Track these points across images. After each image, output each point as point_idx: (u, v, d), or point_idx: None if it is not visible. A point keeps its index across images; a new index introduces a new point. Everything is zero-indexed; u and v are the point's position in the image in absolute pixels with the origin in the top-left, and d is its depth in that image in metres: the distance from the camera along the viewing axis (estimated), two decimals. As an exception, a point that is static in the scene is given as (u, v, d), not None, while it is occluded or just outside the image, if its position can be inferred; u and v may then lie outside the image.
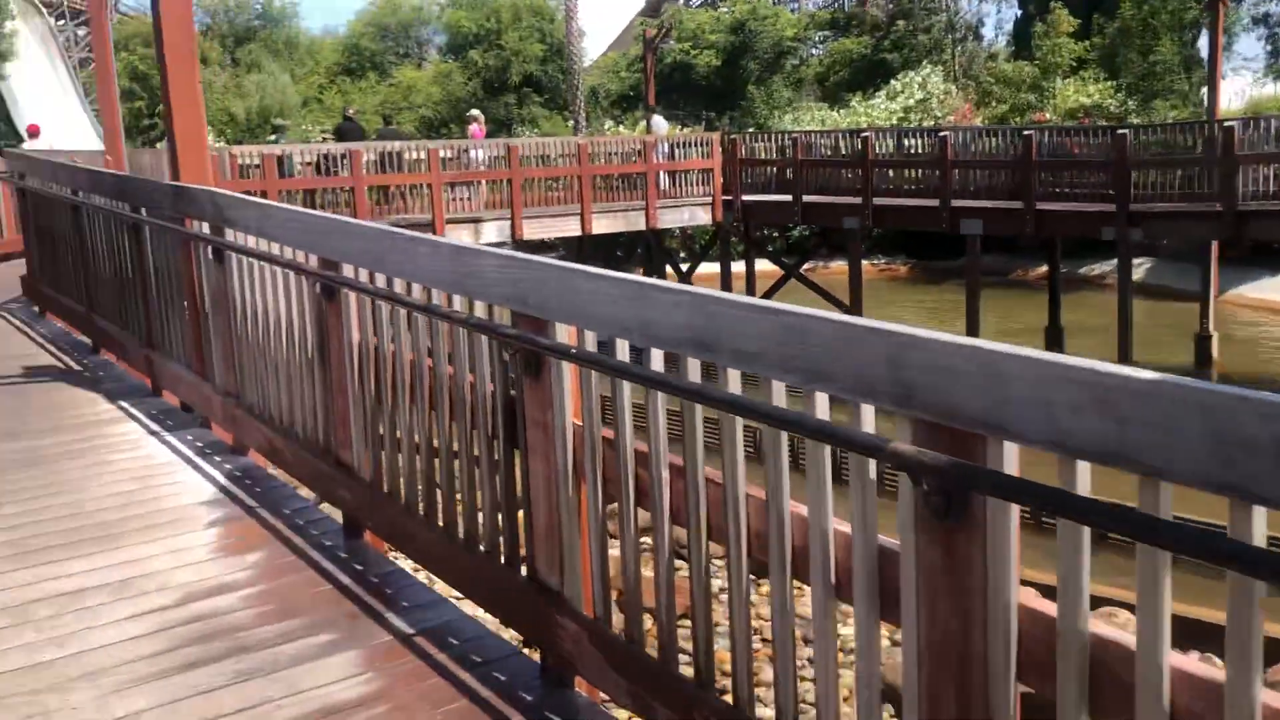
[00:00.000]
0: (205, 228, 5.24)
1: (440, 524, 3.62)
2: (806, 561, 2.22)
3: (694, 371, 2.41)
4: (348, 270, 3.99)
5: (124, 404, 6.18)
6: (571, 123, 40.77)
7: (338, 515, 4.40)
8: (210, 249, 5.20)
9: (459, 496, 3.51)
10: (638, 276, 2.55)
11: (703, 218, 19.69)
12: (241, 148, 16.74)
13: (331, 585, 3.79)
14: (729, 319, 2.21)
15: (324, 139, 20.01)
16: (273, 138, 20.37)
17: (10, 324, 8.62)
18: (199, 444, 5.43)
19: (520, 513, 3.21)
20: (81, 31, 53.34)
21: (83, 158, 11.86)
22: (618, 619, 2.88)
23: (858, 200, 17.82)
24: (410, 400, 3.76)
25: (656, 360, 2.52)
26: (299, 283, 4.41)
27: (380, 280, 3.80)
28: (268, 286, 4.71)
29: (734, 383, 2.30)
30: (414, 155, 17.26)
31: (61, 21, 48.75)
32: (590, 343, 2.77)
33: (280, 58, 43.01)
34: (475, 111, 21.71)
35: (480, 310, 3.30)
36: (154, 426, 5.75)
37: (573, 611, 2.92)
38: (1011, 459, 1.77)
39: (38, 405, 6.24)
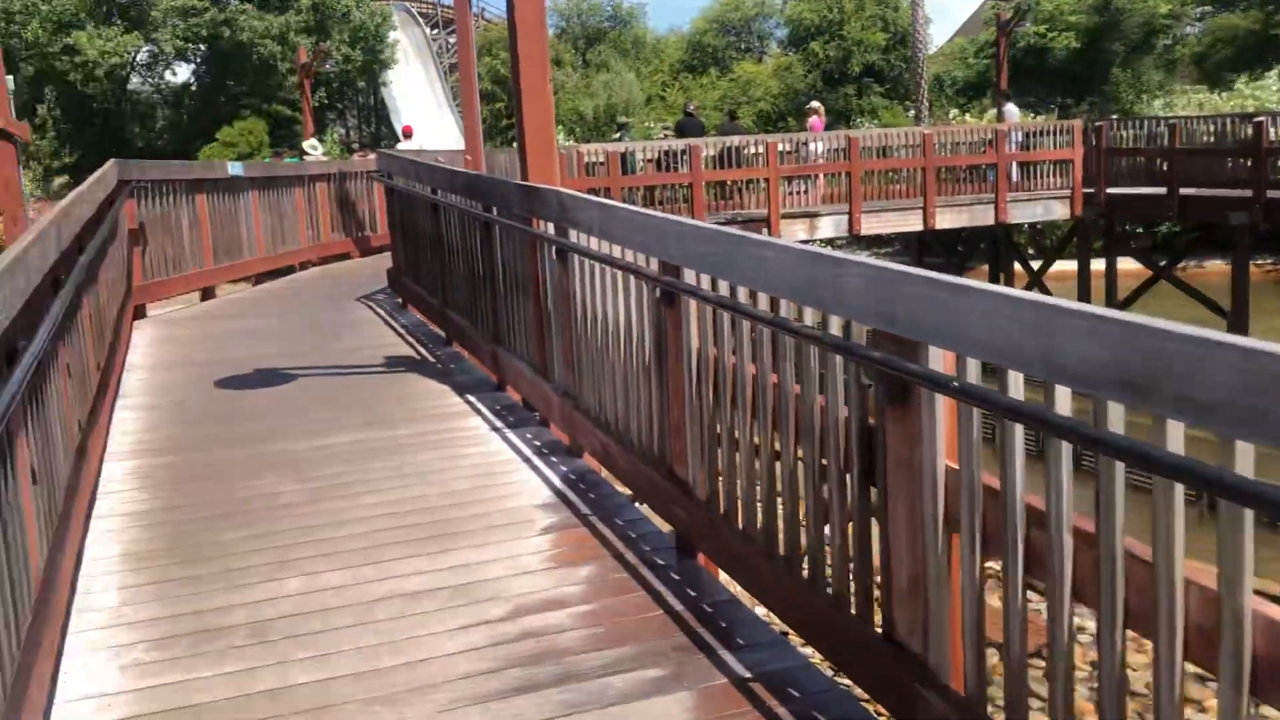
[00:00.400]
0: (550, 228, 5.19)
1: (781, 558, 3.29)
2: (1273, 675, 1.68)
3: (1116, 419, 1.91)
4: (688, 276, 3.74)
5: (471, 398, 6.31)
6: (912, 113, 39.45)
7: (671, 529, 4.18)
8: (554, 249, 5.14)
9: (804, 531, 3.16)
10: (1041, 297, 2.07)
11: (1059, 212, 18.24)
12: (588, 145, 17.24)
13: (662, 610, 3.55)
14: (1177, 356, 1.71)
15: (665, 135, 20.29)
16: (617, 135, 20.91)
17: (376, 314, 9.19)
18: (537, 443, 5.41)
19: (877, 560, 2.81)
20: (453, 39, 57.75)
21: (445, 157, 12.54)
22: (993, 697, 2.42)
23: (1247, 193, 15.84)
24: (751, 418, 3.45)
25: (1062, 400, 2.04)
26: (638, 286, 4.22)
27: (723, 287, 3.52)
28: (607, 289, 4.56)
29: (1176, 439, 1.80)
30: (752, 150, 17.09)
31: (435, 30, 52.92)
32: (972, 372, 2.33)
33: (627, 57, 44.43)
34: (815, 104, 21.30)
35: (836, 326, 2.93)
36: (497, 422, 5.80)
37: (938, 685, 2.49)
38: None
39: (395, 395, 6.50)
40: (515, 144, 22.39)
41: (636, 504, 4.61)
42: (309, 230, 13.03)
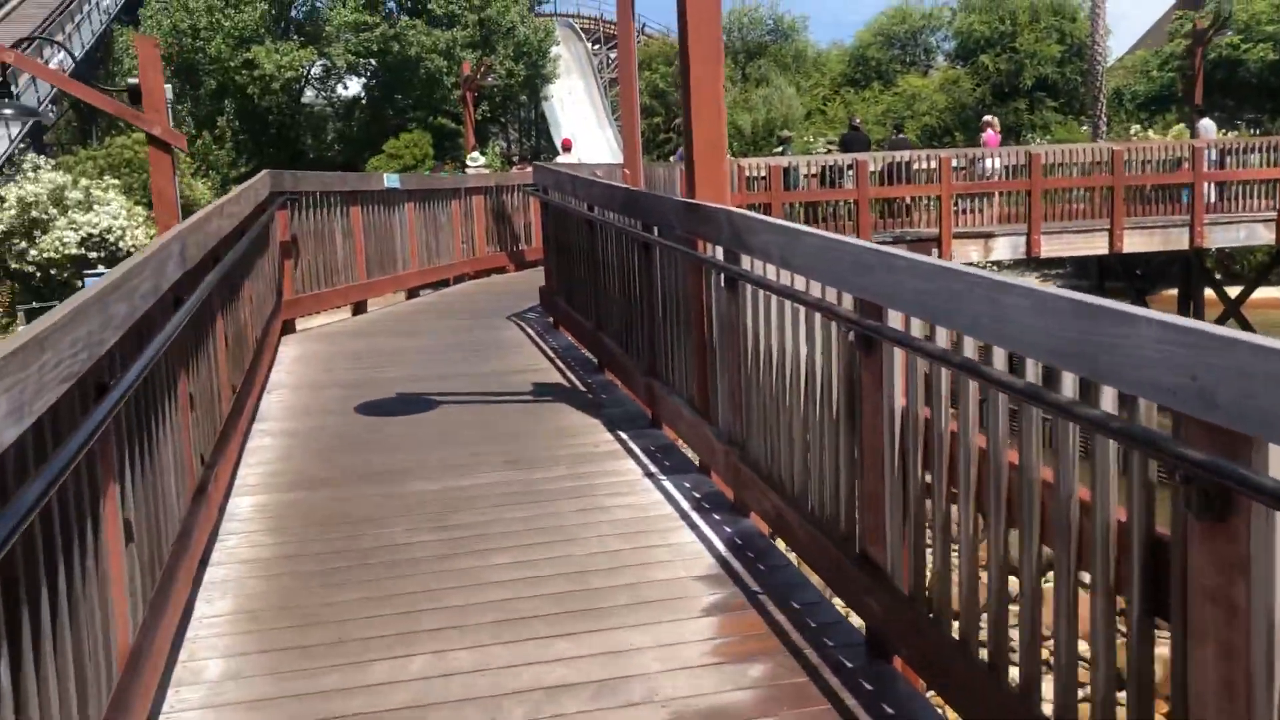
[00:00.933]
0: (719, 252, 4.56)
1: (1015, 688, 2.56)
2: None
3: None
4: (893, 318, 3.04)
5: (623, 434, 5.72)
6: (1088, 128, 37.43)
7: (859, 621, 3.47)
8: (722, 276, 4.51)
9: (1053, 659, 2.43)
10: None
11: (1264, 236, 16.65)
12: (749, 160, 16.56)
13: (853, 733, 2.86)
14: None
15: (828, 150, 19.43)
16: (779, 149, 20.15)
17: (525, 333, 8.72)
18: (697, 494, 4.77)
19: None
20: (613, 54, 57.96)
21: (603, 171, 12.06)
22: None
23: None
24: (977, 503, 2.73)
25: None
26: (826, 325, 3.54)
27: (941, 335, 2.82)
28: (787, 326, 3.90)
29: None
30: (922, 165, 16.13)
31: (596, 45, 53.16)
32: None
33: (787, 71, 43.61)
34: (990, 117, 20.12)
35: (1109, 401, 2.20)
36: (651, 466, 5.19)
37: None
38: None
39: (541, 428, 5.96)
40: (673, 158, 21.63)
41: (815, 581, 3.92)
42: (464, 244, 12.74)
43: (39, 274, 26.58)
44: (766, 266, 4.02)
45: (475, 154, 20.43)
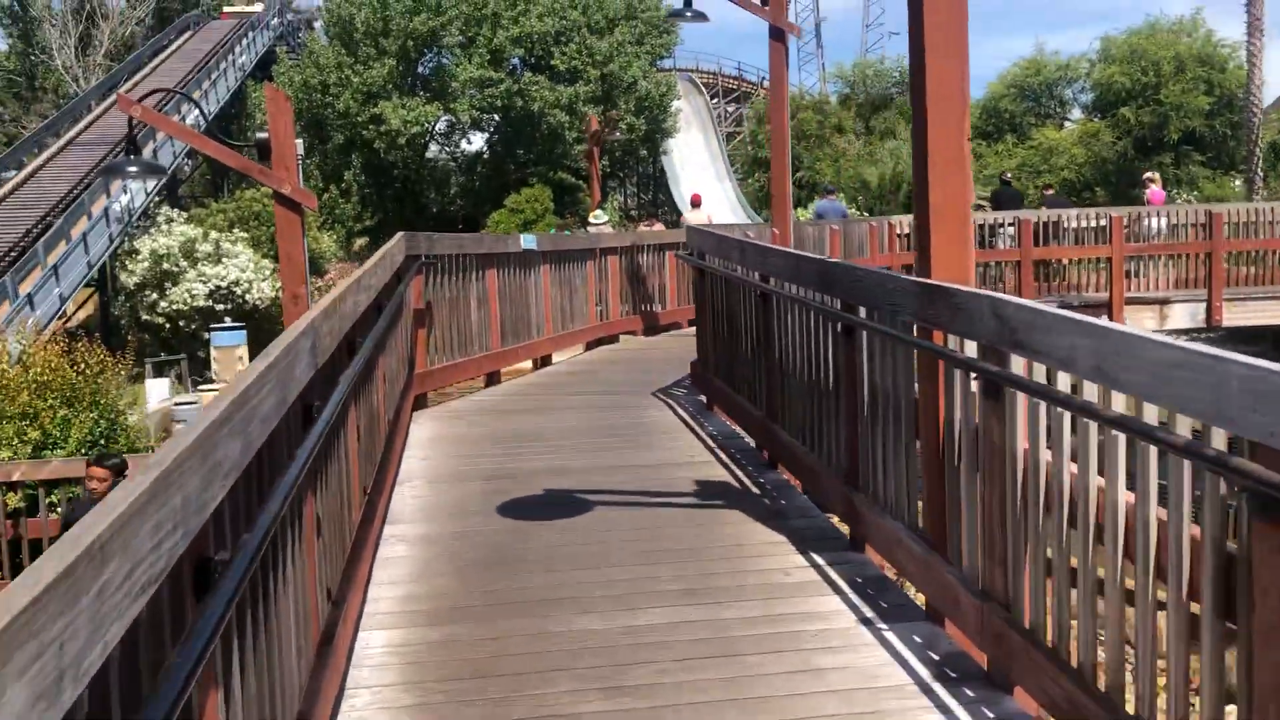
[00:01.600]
0: (970, 347, 3.59)
1: None
2: None
3: None
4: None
5: (817, 557, 4.74)
6: (1240, 183, 35.32)
7: None
8: (979, 379, 3.54)
9: None
10: None
11: None
12: (900, 218, 15.50)
13: None
14: None
15: (981, 206, 18.28)
16: None
17: (676, 415, 7.82)
18: (934, 655, 3.76)
19: None
20: (730, 108, 57.54)
21: (754, 232, 11.19)
22: None
23: None
24: None
25: None
26: (1179, 464, 2.54)
27: None
28: (1091, 456, 2.91)
29: None
30: (1081, 223, 14.88)
31: (715, 99, 52.78)
32: None
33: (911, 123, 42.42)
34: (1153, 173, 18.71)
35: None
36: (864, 609, 4.19)
37: None
38: None
39: (715, 543, 5.03)
40: (803, 211, 20.49)
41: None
42: (598, 306, 11.97)
43: (168, 325, 26.85)
44: (1059, 374, 3.05)
45: (599, 211, 19.81)
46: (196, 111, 34.17)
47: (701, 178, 44.30)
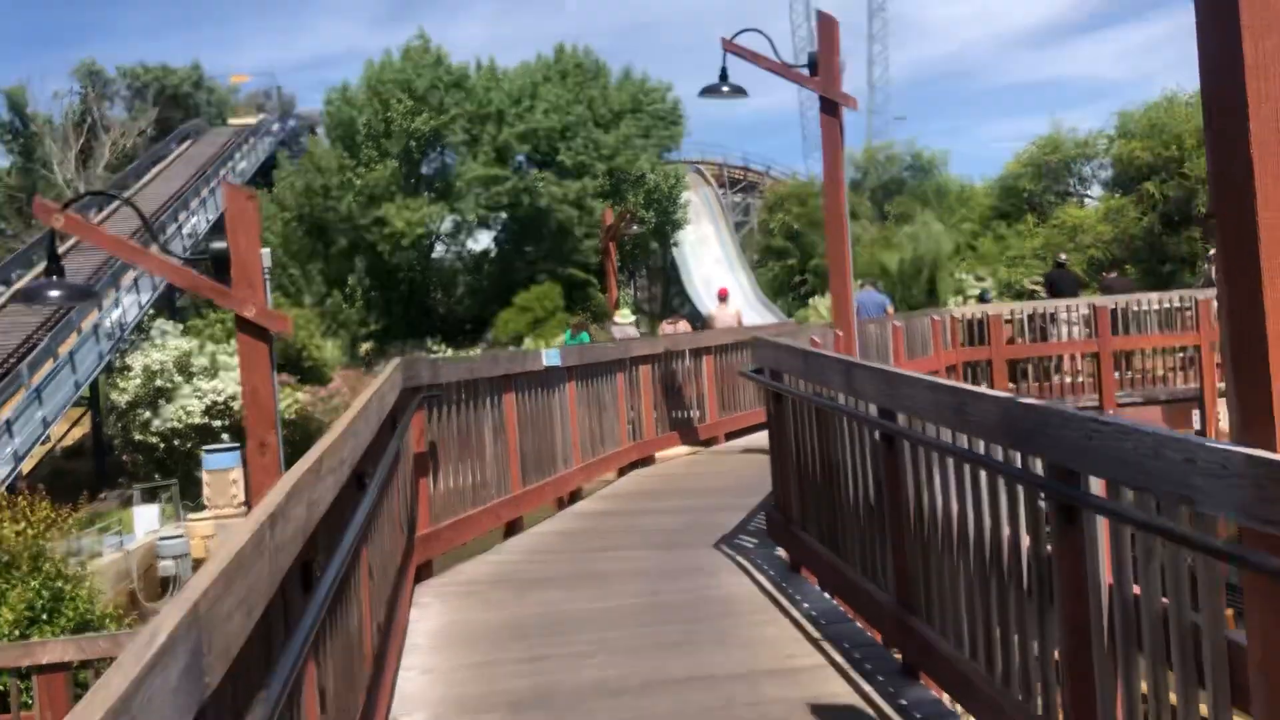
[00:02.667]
0: None
1: None
2: None
3: None
4: None
5: None
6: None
7: None
8: None
9: None
10: None
11: None
12: (961, 309, 13.86)
13: None
14: None
15: (1034, 291, 16.65)
16: (975, 294, 17.36)
17: (752, 581, 6.02)
18: None
19: None
20: (736, 198, 56.60)
21: (818, 334, 9.53)
22: None
23: None
24: None
25: None
26: None
27: None
28: None
29: None
30: (1157, 306, 13.22)
31: (722, 190, 51.78)
32: None
33: (928, 206, 41.23)
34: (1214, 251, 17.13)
35: None
36: None
37: None
38: None
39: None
40: (857, 295, 18.95)
41: None
42: (630, 424, 10.29)
43: (162, 445, 25.21)
44: None
45: (625, 311, 18.27)
46: (196, 219, 33.00)
47: (714, 269, 42.98)
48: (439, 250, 39.77)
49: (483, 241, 40.17)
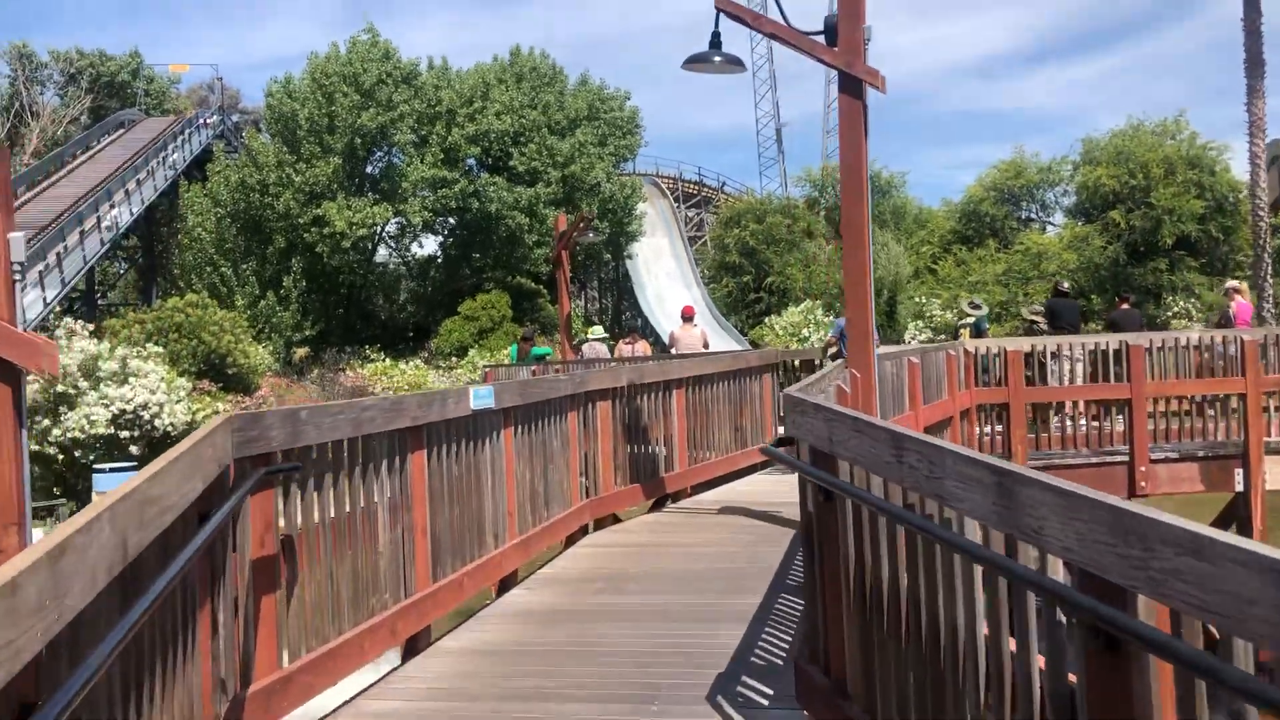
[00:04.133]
0: None
1: None
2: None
3: None
4: None
5: None
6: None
7: None
8: None
9: None
10: None
11: None
12: (976, 341, 11.69)
13: None
14: None
15: (1033, 322, 14.60)
16: (969, 320, 15.28)
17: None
18: None
19: None
20: (691, 212, 54.48)
21: (837, 376, 7.26)
22: None
23: None
24: None
25: None
26: None
27: None
28: None
29: None
30: (1194, 344, 11.19)
31: (676, 204, 49.63)
32: None
33: (887, 228, 39.41)
34: (1237, 283, 15.22)
35: None
36: None
37: None
38: None
39: None
40: (830, 333, 16.58)
41: None
42: (582, 478, 7.98)
43: (62, 456, 22.38)
44: None
45: (598, 328, 15.98)
46: (117, 210, 30.13)
47: (668, 283, 40.82)
48: (382, 254, 37.14)
49: (428, 246, 37.64)
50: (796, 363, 13.24)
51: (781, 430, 5.69)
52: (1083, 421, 10.79)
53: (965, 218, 37.01)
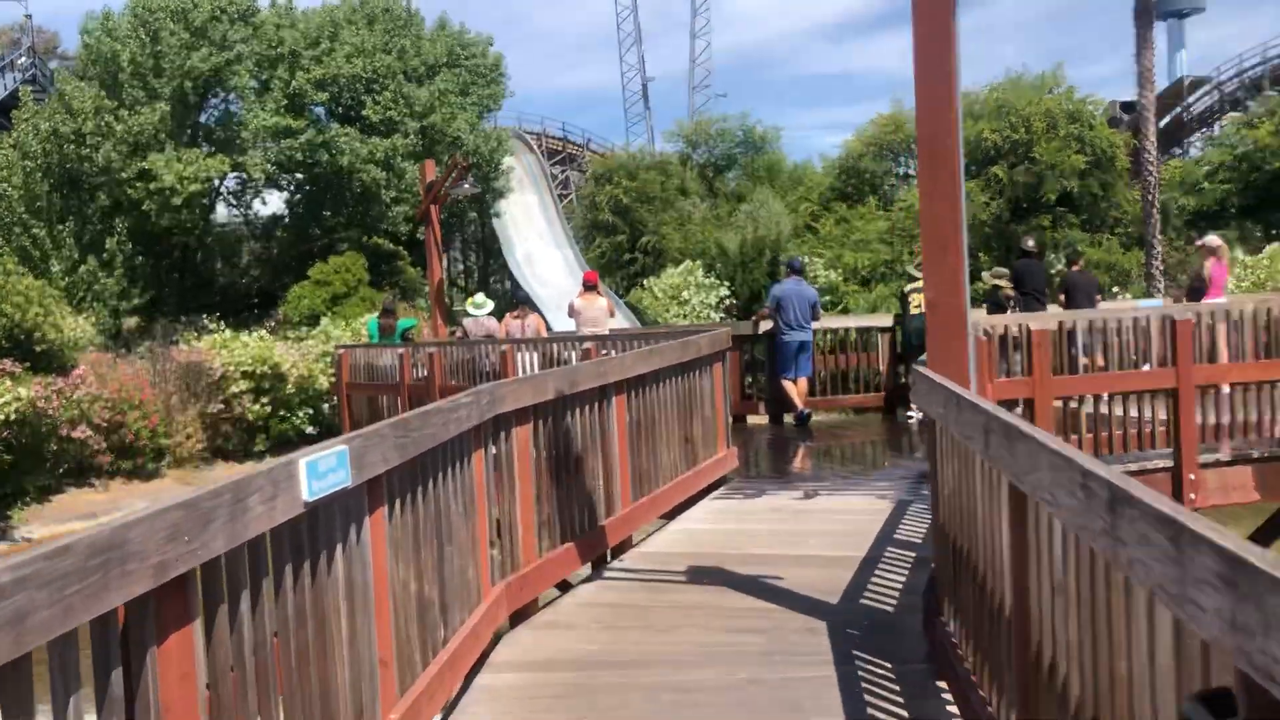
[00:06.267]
0: None
1: None
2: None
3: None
4: None
5: None
6: (1132, 249, 31.09)
7: None
8: None
9: None
10: None
11: None
12: (1002, 317, 8.92)
13: None
14: None
15: (996, 287, 12.05)
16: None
17: None
18: None
19: None
20: (556, 169, 51.10)
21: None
22: None
23: None
24: None
25: None
26: None
27: None
28: None
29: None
30: (1250, 315, 8.76)
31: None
32: None
33: (762, 184, 37.02)
34: (1213, 238, 12.98)
35: None
36: None
37: None
38: None
39: None
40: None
41: None
42: (495, 550, 4.95)
43: None
44: None
45: (481, 297, 12.82)
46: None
47: (538, 244, 37.53)
48: (220, 212, 32.63)
49: (273, 204, 33.26)
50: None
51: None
52: (1129, 413, 8.27)
53: (845, 174, 34.88)
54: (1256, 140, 30.26)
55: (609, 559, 6.22)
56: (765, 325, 11.89)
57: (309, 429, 24.84)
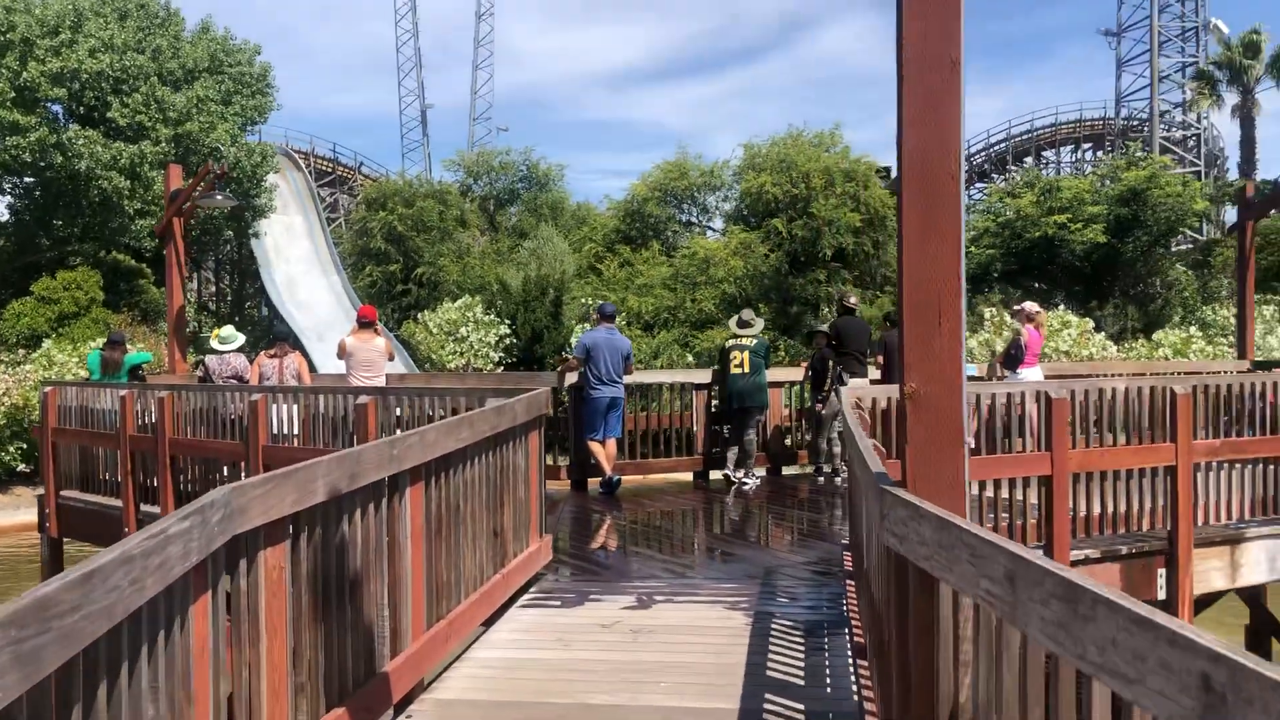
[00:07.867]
0: None
1: None
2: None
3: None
4: None
5: None
6: (896, 305, 31.73)
7: None
8: None
9: None
10: None
11: None
12: (981, 386, 7.70)
13: None
14: None
15: (812, 335, 10.96)
16: (735, 338, 11.15)
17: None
18: None
19: None
20: (324, 192, 47.78)
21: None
22: None
23: None
24: None
25: None
26: None
27: None
28: None
29: None
30: (1122, 393, 7.97)
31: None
32: None
33: (545, 222, 35.67)
34: (1031, 305, 12.50)
35: None
36: None
37: None
38: None
39: None
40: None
41: None
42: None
43: None
44: None
45: (230, 330, 10.48)
46: None
47: (303, 268, 34.46)
48: (-77, 214, 27.94)
49: (-9, 208, 28.83)
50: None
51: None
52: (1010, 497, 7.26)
53: (629, 217, 34.03)
54: (1020, 209, 31.65)
55: None
56: (571, 378, 10.29)
57: (20, 466, 21.20)
